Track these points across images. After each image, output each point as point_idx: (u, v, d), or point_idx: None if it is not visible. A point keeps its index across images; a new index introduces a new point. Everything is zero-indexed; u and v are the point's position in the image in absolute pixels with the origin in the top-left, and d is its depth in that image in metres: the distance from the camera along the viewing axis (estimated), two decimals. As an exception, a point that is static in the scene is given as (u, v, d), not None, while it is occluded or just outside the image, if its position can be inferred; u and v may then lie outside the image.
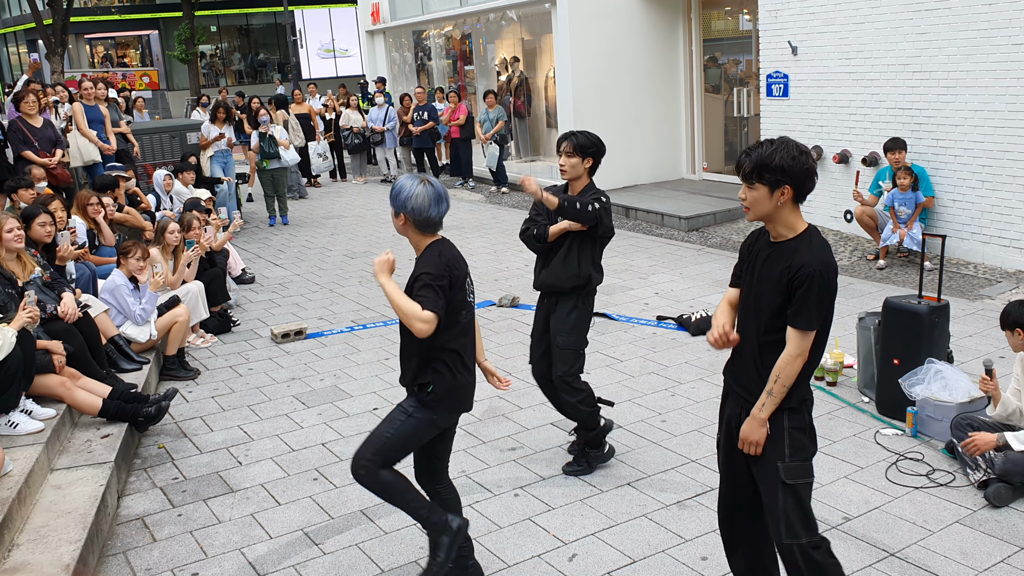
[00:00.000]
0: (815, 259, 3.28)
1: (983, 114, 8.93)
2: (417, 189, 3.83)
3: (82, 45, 41.58)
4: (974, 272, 9.00)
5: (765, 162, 3.21)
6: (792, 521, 3.35)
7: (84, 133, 11.00)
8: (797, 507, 3.36)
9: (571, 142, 5.01)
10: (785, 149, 3.22)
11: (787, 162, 3.20)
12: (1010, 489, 4.68)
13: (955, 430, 5.05)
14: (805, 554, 3.35)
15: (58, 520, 4.54)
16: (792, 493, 3.35)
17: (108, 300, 6.95)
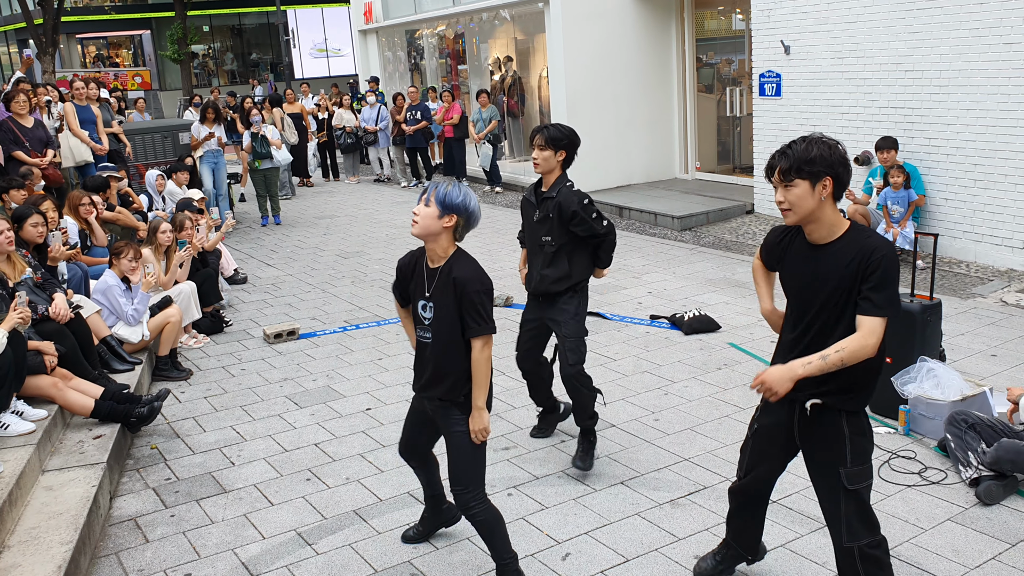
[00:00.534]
0: (883, 243, 3.20)
1: (975, 113, 8.96)
2: (472, 193, 3.79)
3: (73, 45, 41.46)
4: (966, 271, 9.02)
5: (803, 156, 3.17)
6: (854, 525, 3.38)
7: (76, 133, 10.96)
8: (859, 510, 3.38)
9: (543, 135, 5.01)
10: (820, 143, 3.19)
11: (825, 152, 3.17)
12: (1000, 487, 4.69)
13: (949, 426, 5.05)
14: (863, 554, 3.38)
15: (50, 521, 4.52)
16: (855, 498, 3.37)
17: (100, 301, 6.93)
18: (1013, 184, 8.72)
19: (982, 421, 5.01)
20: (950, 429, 5.03)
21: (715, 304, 8.31)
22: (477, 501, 3.91)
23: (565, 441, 5.66)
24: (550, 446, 5.61)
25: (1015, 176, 8.69)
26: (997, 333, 7.10)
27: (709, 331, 7.58)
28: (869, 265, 3.16)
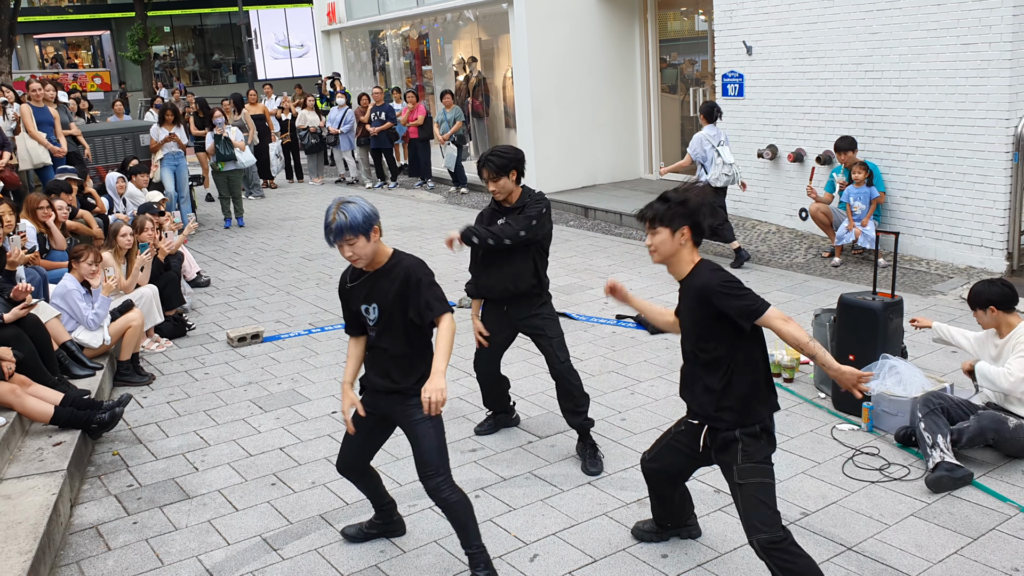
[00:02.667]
0: (712, 279, 3.69)
1: (934, 113, 9.07)
2: (354, 198, 3.90)
3: (31, 45, 40.86)
4: (926, 268, 9.14)
5: (662, 211, 3.70)
6: (751, 519, 3.60)
7: (33, 135, 10.80)
8: (754, 506, 3.61)
9: (488, 168, 5.08)
10: (685, 194, 3.68)
11: (687, 204, 3.69)
12: (952, 479, 4.76)
13: (922, 406, 5.06)
14: (764, 549, 3.55)
15: (8, 531, 4.44)
16: (747, 492, 3.63)
17: (59, 305, 6.83)
18: (971, 183, 8.85)
19: (954, 403, 5.09)
20: (922, 409, 5.06)
21: (680, 303, 8.34)
22: (447, 485, 4.00)
23: (532, 442, 5.66)
24: (517, 447, 5.60)
25: (973, 175, 8.81)
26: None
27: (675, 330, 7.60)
28: (715, 299, 3.62)
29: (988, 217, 8.76)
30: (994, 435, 4.94)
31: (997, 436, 4.94)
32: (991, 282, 5.15)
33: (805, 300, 8.26)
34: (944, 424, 4.97)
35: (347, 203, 3.81)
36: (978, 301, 5.12)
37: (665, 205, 3.71)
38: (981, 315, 5.14)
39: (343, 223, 3.76)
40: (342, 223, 3.76)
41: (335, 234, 3.80)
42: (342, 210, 3.78)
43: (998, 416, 4.97)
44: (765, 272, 9.39)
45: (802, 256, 9.95)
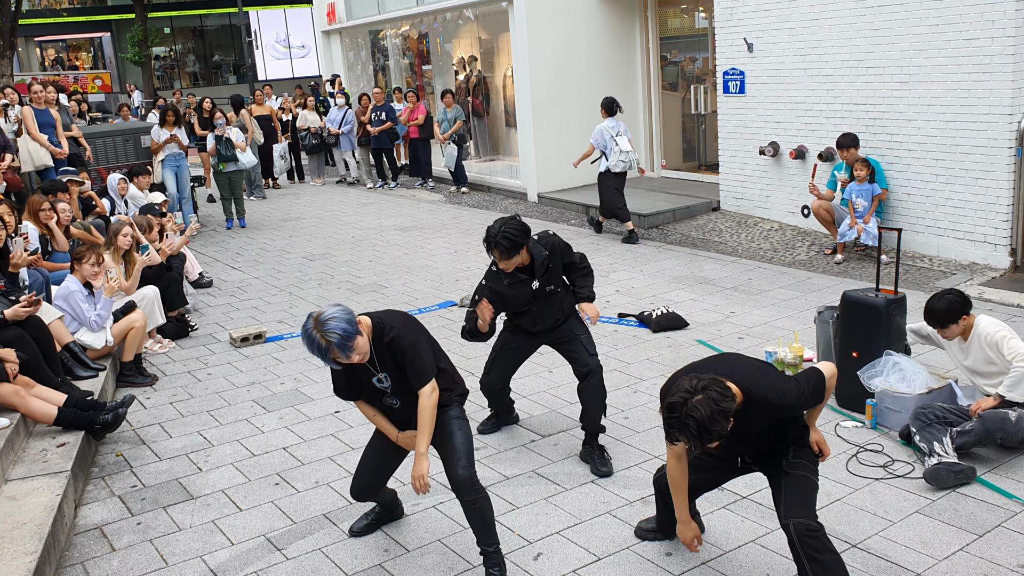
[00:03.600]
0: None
1: (935, 109, 9.06)
2: (330, 311, 3.87)
3: (32, 48, 40.87)
4: (929, 265, 9.13)
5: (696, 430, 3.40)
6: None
7: (35, 137, 10.80)
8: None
9: (499, 251, 4.89)
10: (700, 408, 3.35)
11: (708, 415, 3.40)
12: (952, 473, 4.76)
13: (915, 420, 5.11)
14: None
15: (13, 532, 4.44)
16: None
17: (62, 307, 6.82)
18: (974, 179, 8.83)
19: (949, 411, 5.09)
20: (915, 423, 5.09)
21: (682, 301, 8.34)
22: (477, 480, 4.10)
23: (535, 441, 5.66)
24: (520, 446, 5.60)
25: (976, 171, 8.80)
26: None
27: (677, 328, 7.61)
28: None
29: (991, 213, 8.75)
30: (1001, 434, 4.93)
31: (1004, 434, 4.93)
32: (945, 294, 5.16)
33: (807, 297, 8.26)
34: (940, 430, 4.97)
35: (324, 323, 3.77)
36: (953, 316, 5.10)
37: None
38: (954, 328, 5.14)
39: (340, 340, 3.76)
40: (340, 341, 3.76)
41: (343, 350, 3.79)
42: (326, 333, 3.75)
43: (999, 414, 4.95)
44: (767, 270, 9.39)
45: (804, 253, 9.94)
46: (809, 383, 3.65)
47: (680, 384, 3.43)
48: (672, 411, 3.38)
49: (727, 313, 7.96)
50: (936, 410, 5.09)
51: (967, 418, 5.04)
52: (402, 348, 3.97)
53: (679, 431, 3.37)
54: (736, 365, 3.67)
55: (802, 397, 3.61)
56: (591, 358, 5.26)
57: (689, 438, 3.36)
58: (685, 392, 3.37)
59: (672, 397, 3.41)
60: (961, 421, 5.03)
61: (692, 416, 3.31)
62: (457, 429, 4.16)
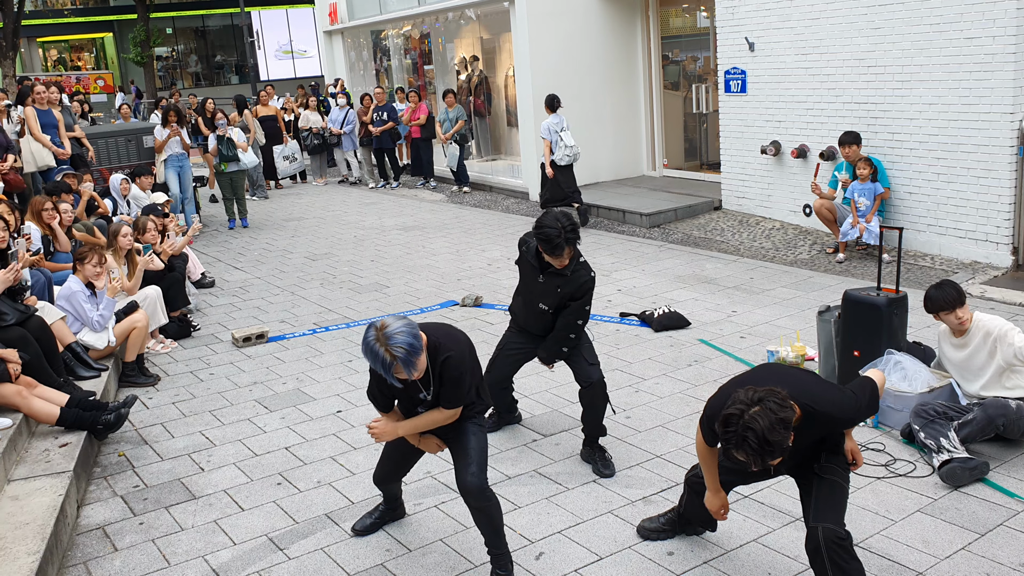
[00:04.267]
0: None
1: (937, 108, 9.05)
2: (396, 324, 3.74)
3: (34, 48, 40.90)
4: (931, 264, 9.12)
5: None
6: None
7: (37, 138, 10.82)
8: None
9: (571, 245, 4.82)
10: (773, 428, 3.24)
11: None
12: (967, 471, 4.76)
13: (916, 417, 5.11)
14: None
15: (16, 532, 4.45)
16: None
17: (64, 307, 6.83)
18: (975, 177, 8.83)
19: (948, 407, 5.09)
20: (917, 420, 5.10)
21: (684, 301, 8.34)
22: (488, 488, 4.08)
23: (537, 441, 5.66)
24: (522, 445, 5.60)
25: (977, 169, 8.79)
26: (962, 325, 7.18)
27: (679, 328, 7.61)
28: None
29: (993, 212, 8.74)
30: (1003, 420, 4.95)
31: (1006, 420, 4.96)
32: (942, 284, 5.18)
33: (809, 297, 8.25)
34: (944, 425, 4.97)
35: (390, 337, 3.65)
36: (954, 302, 5.11)
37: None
38: (948, 317, 5.16)
39: (406, 356, 3.65)
40: (405, 356, 3.65)
41: (408, 366, 3.69)
42: (392, 347, 3.64)
43: (999, 402, 4.99)
44: (769, 268, 9.38)
45: (806, 252, 9.94)
46: (865, 394, 3.57)
47: (736, 396, 3.30)
48: (728, 424, 3.23)
49: (729, 312, 7.96)
50: (936, 406, 5.09)
51: (966, 413, 5.04)
52: (452, 375, 3.91)
53: (737, 446, 3.22)
54: (787, 378, 3.54)
55: (860, 409, 3.55)
56: (592, 368, 5.20)
57: (749, 453, 3.20)
58: (741, 404, 3.24)
59: (728, 409, 3.26)
60: (961, 416, 5.03)
61: (751, 428, 3.16)
62: (472, 435, 4.12)
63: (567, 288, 5.02)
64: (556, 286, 5.03)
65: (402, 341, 3.62)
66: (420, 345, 3.69)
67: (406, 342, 3.63)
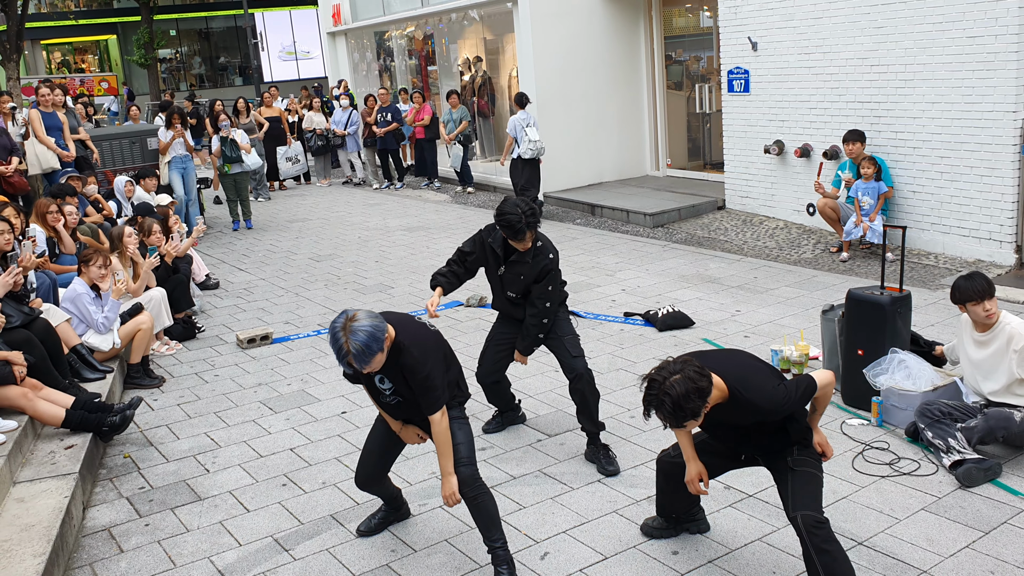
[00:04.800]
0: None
1: (940, 106, 9.05)
2: (357, 320, 3.82)
3: (38, 51, 40.99)
4: (935, 262, 9.12)
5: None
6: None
7: (42, 140, 10.84)
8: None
9: (532, 229, 4.97)
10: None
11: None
12: (981, 471, 4.76)
13: (922, 416, 5.11)
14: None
15: (22, 534, 4.47)
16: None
17: (69, 309, 6.85)
18: (979, 176, 8.82)
19: (953, 407, 5.08)
20: (922, 420, 5.09)
21: (688, 300, 8.35)
22: (479, 477, 4.18)
23: (542, 440, 5.67)
24: (527, 445, 5.61)
25: (980, 168, 8.79)
26: (966, 323, 7.17)
27: (683, 327, 7.61)
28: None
29: (996, 210, 8.74)
30: (1004, 432, 4.93)
31: (1007, 433, 4.93)
32: (972, 274, 5.04)
33: (813, 296, 8.25)
34: (951, 425, 4.96)
35: (355, 331, 3.75)
36: (983, 292, 4.95)
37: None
38: (973, 308, 5.00)
39: (359, 353, 3.75)
40: (359, 353, 3.75)
41: (360, 361, 3.78)
42: (352, 339, 3.74)
43: (1004, 412, 4.94)
44: (773, 268, 9.38)
45: (810, 251, 9.94)
46: (798, 390, 3.70)
47: (662, 365, 3.58)
48: (650, 388, 3.53)
49: (733, 312, 7.96)
50: (941, 406, 5.08)
51: (970, 415, 5.04)
52: (415, 376, 3.99)
53: (655, 407, 3.50)
54: (731, 362, 3.77)
55: (787, 401, 3.66)
56: (575, 360, 5.25)
57: (664, 416, 3.49)
58: (664, 371, 3.53)
59: (652, 374, 3.55)
60: (965, 418, 5.02)
61: (668, 394, 3.45)
62: (457, 429, 4.19)
63: (530, 274, 5.15)
64: (519, 274, 5.17)
65: (362, 339, 3.75)
66: (379, 347, 3.80)
67: (364, 341, 3.75)
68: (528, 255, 5.12)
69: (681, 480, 4.15)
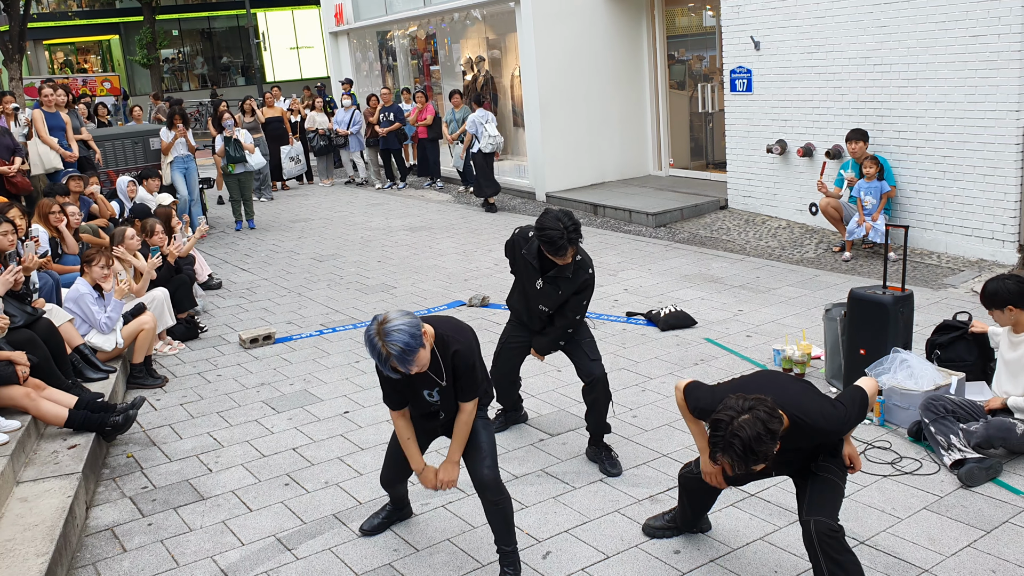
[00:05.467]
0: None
1: (943, 105, 9.04)
2: (398, 319, 3.70)
3: (41, 51, 41.05)
4: (937, 262, 9.11)
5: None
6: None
7: (45, 140, 10.85)
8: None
9: (574, 245, 4.75)
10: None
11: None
12: (983, 470, 4.75)
13: (927, 411, 5.08)
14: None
15: (25, 533, 4.48)
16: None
17: (72, 309, 6.86)
18: (982, 175, 8.81)
19: (958, 405, 5.07)
20: (927, 415, 5.07)
21: (691, 300, 8.35)
22: (502, 482, 4.16)
23: (544, 440, 5.68)
24: (529, 445, 5.61)
25: (983, 167, 8.78)
26: (969, 323, 7.17)
27: (685, 327, 7.61)
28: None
29: (999, 210, 8.73)
30: (1001, 442, 4.90)
31: (1005, 443, 4.90)
32: (1004, 279, 5.04)
33: (816, 295, 8.25)
34: (954, 424, 4.96)
35: (388, 333, 3.63)
36: (995, 301, 5.02)
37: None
38: (999, 314, 5.07)
39: (400, 354, 3.63)
40: (400, 354, 3.63)
41: (403, 363, 3.67)
42: (388, 343, 3.62)
43: (1006, 423, 4.90)
44: (775, 267, 9.38)
45: (812, 251, 9.93)
46: (855, 405, 3.62)
47: (727, 402, 3.36)
48: (717, 429, 3.32)
49: (735, 311, 7.96)
50: (947, 403, 5.07)
51: (974, 415, 5.03)
52: (465, 366, 3.95)
53: (723, 451, 3.30)
54: (782, 388, 3.61)
55: (848, 420, 3.58)
56: (593, 364, 5.20)
57: (733, 458, 3.28)
58: (732, 410, 3.31)
59: (718, 414, 3.34)
60: (968, 417, 5.02)
61: (738, 436, 3.25)
62: (482, 429, 4.17)
63: (568, 289, 5.02)
64: (557, 289, 5.02)
65: (398, 339, 3.61)
66: (417, 344, 3.66)
67: (402, 340, 3.61)
68: (568, 269, 4.93)
69: (704, 495, 4.14)
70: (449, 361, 3.94)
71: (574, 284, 5.00)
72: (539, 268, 5.03)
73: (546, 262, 4.98)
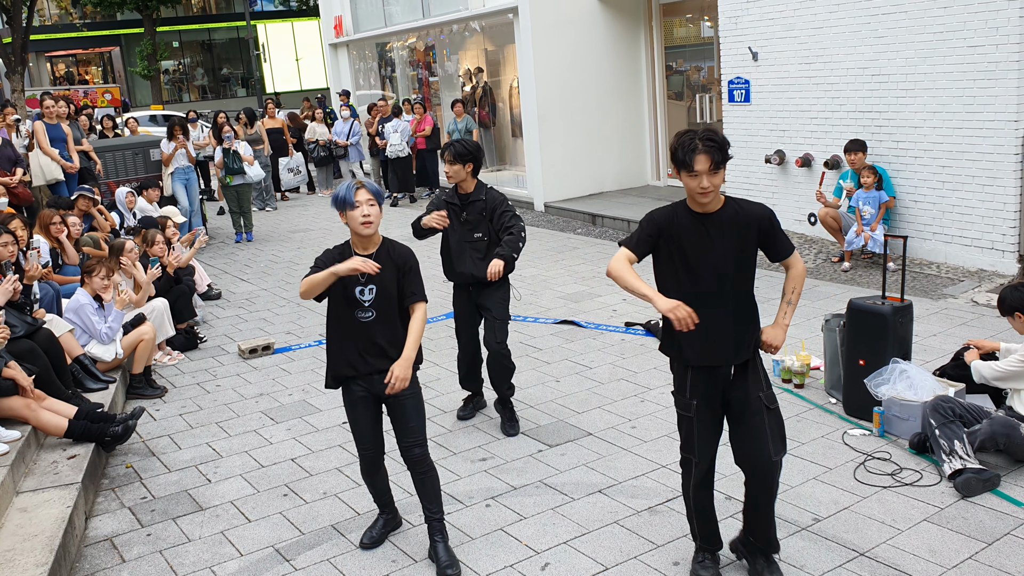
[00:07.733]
0: (760, 207, 3.93)
1: (941, 116, 9.06)
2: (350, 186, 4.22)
3: (42, 63, 41.16)
4: (937, 272, 9.11)
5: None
6: (777, 441, 3.89)
7: (46, 151, 10.88)
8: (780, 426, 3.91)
9: (450, 152, 5.65)
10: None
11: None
12: (980, 481, 4.74)
13: (934, 413, 5.03)
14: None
15: (24, 543, 4.48)
16: (775, 415, 3.90)
17: (72, 320, 6.87)
18: (980, 185, 8.83)
19: (966, 409, 5.06)
20: (934, 417, 5.03)
21: (690, 310, 8.33)
22: (428, 455, 4.41)
23: (542, 451, 5.67)
24: (527, 456, 5.61)
25: (982, 177, 8.79)
26: (968, 333, 7.17)
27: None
28: (763, 226, 3.90)
29: (998, 219, 8.74)
30: (1005, 440, 4.92)
31: (1008, 441, 4.92)
32: (1017, 287, 5.09)
33: (815, 305, 8.25)
34: (960, 429, 4.95)
35: (365, 183, 4.20)
36: (1003, 308, 5.13)
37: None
38: (1011, 321, 5.15)
39: (372, 187, 4.17)
40: (372, 186, 4.16)
41: (369, 190, 4.14)
42: (363, 182, 4.19)
43: (1010, 421, 4.94)
44: (774, 277, 9.37)
45: (811, 261, 9.94)
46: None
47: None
48: (682, 138, 3.71)
49: (734, 322, 7.95)
50: (955, 406, 5.05)
51: (980, 420, 5.02)
52: (410, 264, 4.30)
53: (695, 149, 3.62)
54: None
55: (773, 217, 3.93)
56: (497, 344, 5.75)
57: (706, 147, 3.62)
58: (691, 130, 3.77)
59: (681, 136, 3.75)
60: (975, 422, 5.01)
61: (700, 133, 3.68)
62: (412, 408, 4.33)
63: (489, 207, 5.70)
64: (480, 211, 5.70)
65: (370, 184, 4.19)
66: (381, 199, 4.23)
67: (373, 186, 4.18)
68: (481, 192, 5.73)
69: (704, 493, 4.11)
70: (391, 254, 4.28)
71: (492, 202, 5.72)
72: (459, 204, 5.74)
73: (461, 199, 5.74)
